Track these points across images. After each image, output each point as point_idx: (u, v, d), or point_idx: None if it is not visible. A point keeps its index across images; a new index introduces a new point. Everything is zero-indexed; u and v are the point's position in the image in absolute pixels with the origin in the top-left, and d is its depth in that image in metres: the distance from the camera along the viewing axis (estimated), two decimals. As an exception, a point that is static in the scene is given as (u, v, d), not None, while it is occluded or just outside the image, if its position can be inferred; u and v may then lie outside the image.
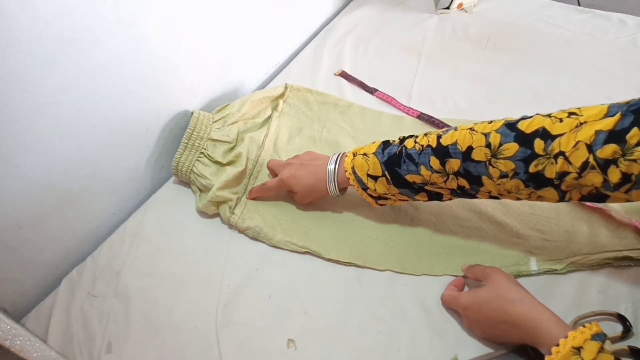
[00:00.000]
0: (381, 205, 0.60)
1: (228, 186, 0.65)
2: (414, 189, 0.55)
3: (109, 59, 0.56)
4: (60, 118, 0.53)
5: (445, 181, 0.51)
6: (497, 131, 0.47)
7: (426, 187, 0.54)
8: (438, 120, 0.78)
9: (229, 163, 0.68)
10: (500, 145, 0.46)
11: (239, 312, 0.56)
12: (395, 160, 0.54)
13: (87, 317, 0.56)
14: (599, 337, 0.42)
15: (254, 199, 0.67)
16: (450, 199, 0.56)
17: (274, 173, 0.68)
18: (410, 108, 0.82)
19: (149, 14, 0.59)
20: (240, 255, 0.62)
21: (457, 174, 0.50)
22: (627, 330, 0.49)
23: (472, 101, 0.83)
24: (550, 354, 0.42)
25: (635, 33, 0.95)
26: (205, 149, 0.68)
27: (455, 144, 0.49)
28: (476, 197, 0.53)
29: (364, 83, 0.88)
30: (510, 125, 0.47)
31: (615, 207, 0.62)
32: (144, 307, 0.57)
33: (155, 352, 0.53)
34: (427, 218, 0.64)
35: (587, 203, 0.62)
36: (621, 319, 0.51)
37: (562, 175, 0.44)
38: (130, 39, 0.58)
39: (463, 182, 0.50)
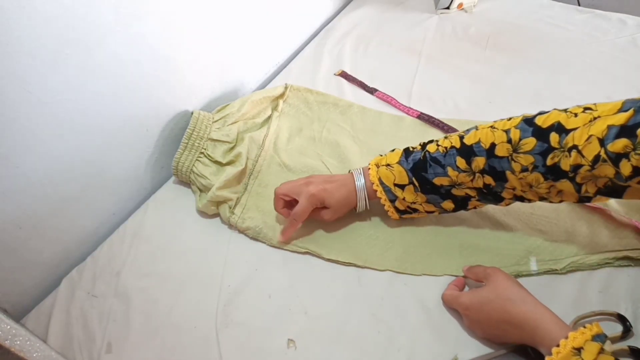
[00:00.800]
0: (405, 218, 0.61)
1: (228, 186, 0.65)
2: (442, 194, 0.56)
3: (109, 59, 0.56)
4: (60, 118, 0.53)
5: (472, 180, 0.52)
6: (516, 127, 0.49)
7: (453, 191, 0.55)
8: (438, 120, 0.78)
9: (229, 163, 0.68)
10: (520, 140, 0.48)
11: (239, 312, 0.56)
12: (421, 166, 0.55)
13: (87, 317, 0.56)
14: (600, 337, 0.42)
15: (289, 237, 0.62)
16: (476, 207, 0.57)
17: (284, 200, 0.60)
18: (410, 108, 0.82)
19: (148, 13, 0.59)
20: (240, 255, 0.62)
21: (482, 171, 0.51)
22: (627, 331, 0.49)
23: (472, 101, 0.83)
24: (550, 354, 0.42)
25: (635, 33, 0.95)
26: (205, 149, 0.68)
27: (478, 142, 0.51)
28: (502, 199, 0.54)
29: (364, 83, 0.88)
30: (528, 121, 0.49)
31: (615, 207, 0.62)
32: (144, 307, 0.57)
33: (155, 352, 0.53)
34: (428, 218, 0.64)
35: (587, 203, 0.62)
36: (621, 319, 0.51)
37: (576, 167, 0.45)
38: (130, 39, 0.58)
39: (489, 180, 0.52)
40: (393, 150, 0.60)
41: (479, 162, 0.51)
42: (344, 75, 0.90)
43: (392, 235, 0.63)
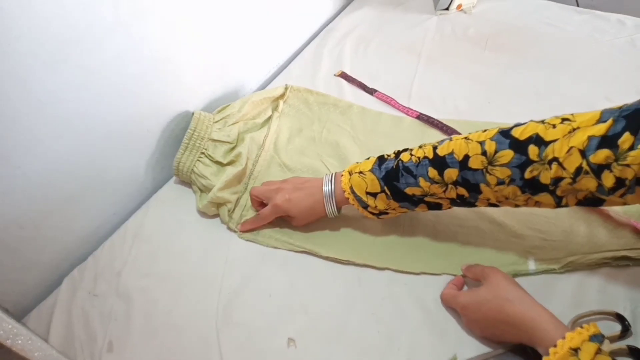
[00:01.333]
0: (382, 218, 0.61)
1: (228, 186, 0.65)
2: (414, 202, 0.55)
3: (109, 59, 0.56)
4: (60, 118, 0.53)
5: (444, 191, 0.52)
6: (491, 139, 0.48)
7: (426, 199, 0.54)
8: (437, 120, 0.78)
9: (230, 163, 0.68)
10: (496, 152, 0.47)
11: (239, 312, 0.56)
12: (393, 175, 0.54)
13: (89, 317, 0.56)
14: (597, 338, 0.42)
15: (248, 230, 0.64)
16: (450, 208, 0.56)
17: (258, 201, 0.64)
18: (409, 109, 0.82)
19: (149, 14, 0.59)
20: (240, 255, 0.62)
21: (455, 183, 0.51)
22: (626, 330, 0.50)
23: (471, 101, 0.83)
24: (548, 354, 0.42)
25: (634, 34, 0.95)
26: (205, 149, 0.68)
27: (452, 153, 0.50)
28: (475, 206, 0.54)
29: (363, 84, 0.88)
30: (504, 133, 0.48)
31: (613, 207, 0.62)
32: (144, 307, 0.57)
33: (156, 352, 0.53)
34: (426, 217, 0.64)
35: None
36: (620, 318, 0.51)
37: (557, 180, 0.44)
38: (130, 39, 0.58)
39: (462, 191, 0.51)
40: (368, 158, 0.59)
41: (452, 173, 0.50)
42: (343, 76, 0.90)
43: (391, 234, 0.63)
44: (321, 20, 1.07)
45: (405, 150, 0.56)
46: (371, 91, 0.87)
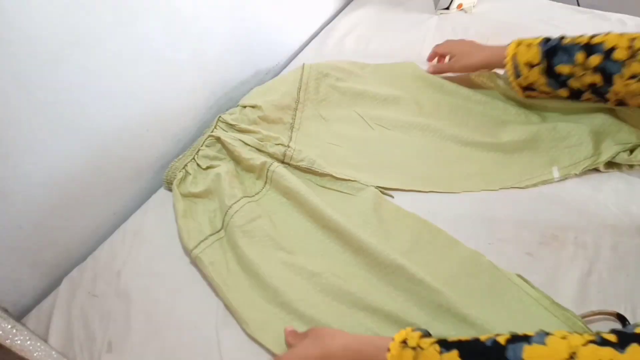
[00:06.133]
0: (527, 97, 0.68)
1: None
2: (559, 83, 0.61)
3: (110, 59, 0.56)
4: (60, 118, 0.54)
5: (582, 76, 0.58)
6: None
7: (569, 82, 0.60)
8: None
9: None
10: None
11: (239, 311, 0.56)
12: (553, 51, 0.61)
13: (88, 317, 0.56)
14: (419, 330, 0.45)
15: None
16: (589, 99, 0.62)
17: None
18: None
19: (149, 14, 0.59)
20: (240, 255, 0.62)
21: (595, 69, 0.57)
22: (627, 330, 0.49)
23: (471, 101, 0.83)
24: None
25: (635, 33, 0.95)
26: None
27: (602, 43, 0.57)
28: (607, 100, 0.60)
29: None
30: None
31: None
32: (144, 307, 0.57)
33: (156, 352, 0.53)
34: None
35: None
36: (620, 318, 0.51)
37: None
38: (130, 39, 0.58)
39: (597, 79, 0.57)
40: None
41: (595, 59, 0.56)
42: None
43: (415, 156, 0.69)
44: (321, 20, 1.07)
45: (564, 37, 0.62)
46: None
